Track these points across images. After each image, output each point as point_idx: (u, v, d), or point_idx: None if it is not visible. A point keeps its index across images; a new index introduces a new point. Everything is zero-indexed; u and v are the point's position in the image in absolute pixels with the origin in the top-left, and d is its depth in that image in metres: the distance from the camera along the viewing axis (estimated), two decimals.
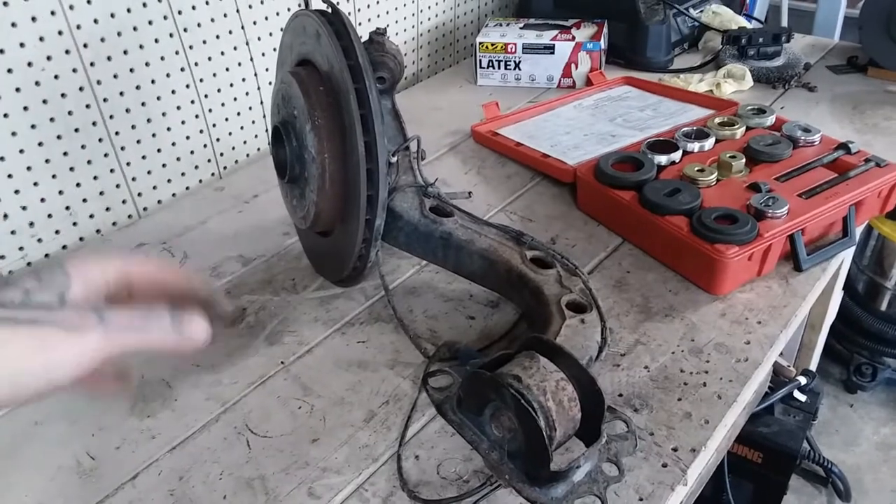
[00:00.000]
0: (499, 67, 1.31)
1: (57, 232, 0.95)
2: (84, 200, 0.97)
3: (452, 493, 0.60)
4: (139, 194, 1.03)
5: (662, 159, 0.95)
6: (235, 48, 1.07)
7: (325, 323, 0.81)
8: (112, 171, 0.98)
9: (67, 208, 0.95)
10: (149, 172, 1.03)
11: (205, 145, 1.08)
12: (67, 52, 0.89)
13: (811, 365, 1.53)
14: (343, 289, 0.86)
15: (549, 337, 0.56)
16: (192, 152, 1.07)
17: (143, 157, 1.01)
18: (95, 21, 0.90)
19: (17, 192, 0.89)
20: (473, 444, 0.53)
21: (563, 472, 0.50)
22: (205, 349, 0.45)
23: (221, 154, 1.11)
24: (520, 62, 1.29)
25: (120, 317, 0.37)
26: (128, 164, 0.99)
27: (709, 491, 1.45)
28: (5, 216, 0.89)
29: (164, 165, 1.04)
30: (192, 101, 1.04)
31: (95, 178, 0.97)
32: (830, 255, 0.85)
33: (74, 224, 0.97)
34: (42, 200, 0.92)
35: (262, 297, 0.86)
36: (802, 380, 1.39)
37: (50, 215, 0.94)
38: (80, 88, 0.91)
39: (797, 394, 1.40)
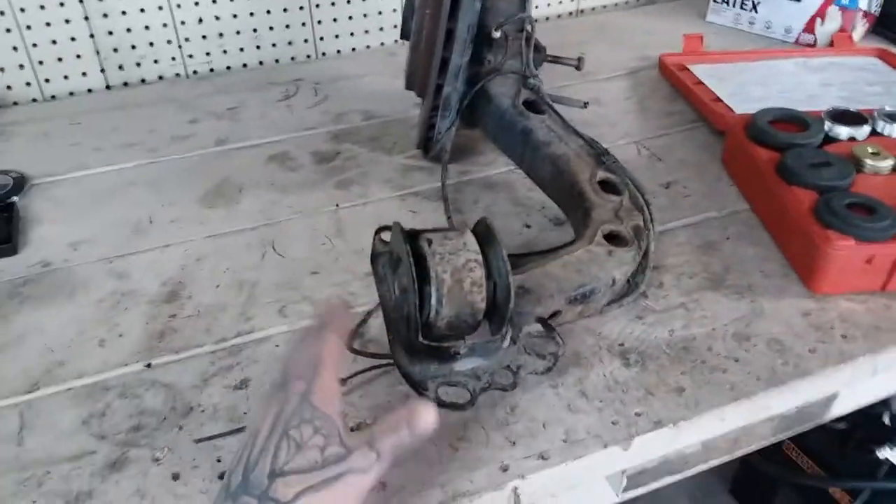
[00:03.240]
0: (734, 5, 1.15)
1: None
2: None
3: None
4: (321, 38, 1.10)
5: (842, 131, 0.77)
6: None
7: (395, 186, 0.82)
8: (301, 7, 1.06)
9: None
10: (335, 20, 1.09)
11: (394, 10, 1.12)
12: None
13: None
14: (430, 164, 0.85)
15: (492, 226, 0.50)
16: (379, 13, 1.11)
17: (333, 4, 1.08)
18: None
19: None
20: (382, 299, 0.51)
21: (434, 347, 0.46)
22: None
23: None
24: (758, 3, 1.12)
25: (386, 445, 0.44)
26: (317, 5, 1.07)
27: None
28: None
29: (350, 18, 1.10)
30: None
31: None
32: None
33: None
34: None
35: (359, 148, 0.89)
36: None
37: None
38: None
39: None
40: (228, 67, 1.08)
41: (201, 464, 0.51)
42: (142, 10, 0.99)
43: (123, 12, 0.98)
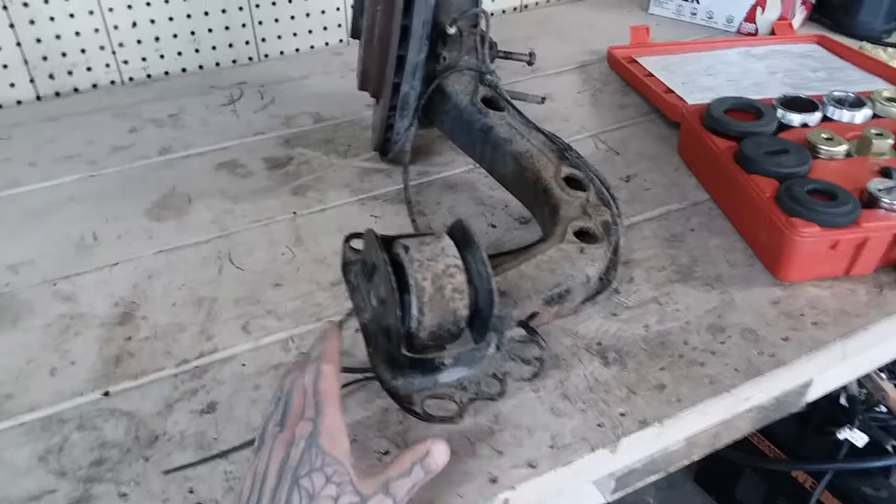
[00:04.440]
0: None
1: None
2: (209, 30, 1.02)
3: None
4: (263, 39, 1.06)
5: (794, 119, 0.79)
6: None
7: (354, 191, 0.79)
8: (241, 8, 1.02)
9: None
10: (276, 20, 1.06)
11: (337, 8, 1.09)
12: None
13: None
14: (388, 166, 0.83)
15: (469, 228, 0.49)
16: (322, 12, 1.08)
17: (273, 4, 1.04)
18: None
19: None
20: (358, 310, 0.49)
21: (419, 360, 0.44)
22: None
23: None
24: None
25: (402, 490, 0.42)
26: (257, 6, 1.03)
27: None
28: None
29: (292, 17, 1.07)
30: None
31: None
32: None
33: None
34: None
35: (312, 152, 0.86)
36: None
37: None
38: None
39: None
40: (167, 73, 1.03)
41: (172, 496, 0.48)
42: (71, 16, 0.94)
43: (52, 18, 0.93)
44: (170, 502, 0.48)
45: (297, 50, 1.10)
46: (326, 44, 1.12)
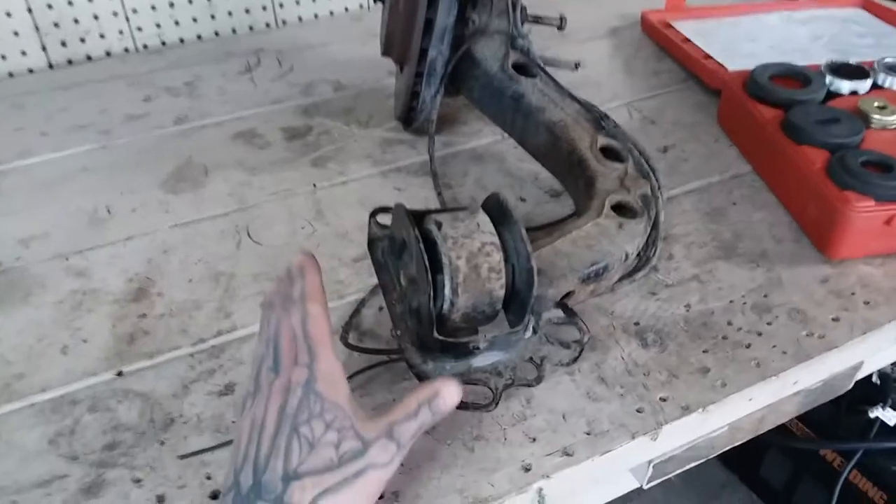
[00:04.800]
0: None
1: None
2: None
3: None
4: (280, 5, 1.02)
5: (844, 86, 0.74)
6: None
7: (376, 162, 0.76)
8: None
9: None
10: None
11: None
12: None
13: None
14: (411, 136, 0.79)
15: (506, 203, 0.45)
16: None
17: None
18: None
19: None
20: (384, 289, 0.46)
21: (450, 343, 0.41)
22: None
23: None
24: None
25: (407, 433, 0.40)
26: None
27: None
28: None
29: None
30: None
31: None
32: None
33: None
34: None
35: (332, 122, 0.82)
36: None
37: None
38: None
39: None
40: (182, 40, 0.99)
41: (189, 482, 0.46)
42: None
43: None
44: (186, 488, 0.45)
45: (315, 16, 1.06)
46: (346, 9, 1.08)
